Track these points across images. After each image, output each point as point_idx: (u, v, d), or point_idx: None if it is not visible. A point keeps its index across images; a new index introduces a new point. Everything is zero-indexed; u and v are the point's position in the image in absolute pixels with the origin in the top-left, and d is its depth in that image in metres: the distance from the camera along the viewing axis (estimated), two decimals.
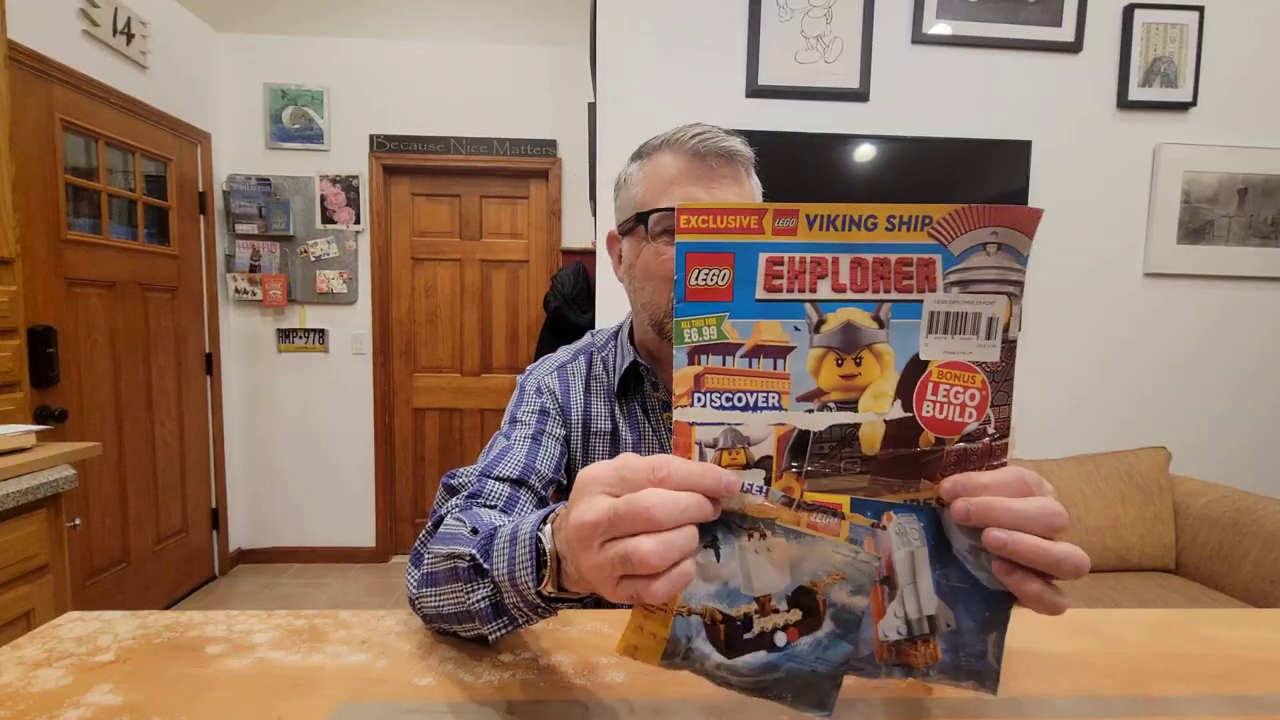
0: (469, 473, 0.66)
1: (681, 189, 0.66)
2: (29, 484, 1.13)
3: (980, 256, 0.33)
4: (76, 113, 2.08)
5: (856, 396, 0.33)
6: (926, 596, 0.34)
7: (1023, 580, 0.33)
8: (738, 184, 0.67)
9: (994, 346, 0.33)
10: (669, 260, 0.66)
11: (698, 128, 0.67)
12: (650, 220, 0.67)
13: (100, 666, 0.47)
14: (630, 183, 0.71)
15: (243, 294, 2.85)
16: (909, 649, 0.35)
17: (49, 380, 1.91)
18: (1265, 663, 0.50)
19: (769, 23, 1.93)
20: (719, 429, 0.33)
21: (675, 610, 0.33)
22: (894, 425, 0.33)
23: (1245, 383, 2.12)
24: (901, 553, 0.34)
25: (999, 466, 0.35)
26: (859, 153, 1.96)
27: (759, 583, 0.34)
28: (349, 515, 3.03)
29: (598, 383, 0.76)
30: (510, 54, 2.90)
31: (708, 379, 0.34)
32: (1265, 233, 2.06)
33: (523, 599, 0.43)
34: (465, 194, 3.03)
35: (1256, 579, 1.62)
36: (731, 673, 0.34)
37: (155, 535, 2.46)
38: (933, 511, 0.34)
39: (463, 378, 3.09)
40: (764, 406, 0.33)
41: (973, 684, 0.36)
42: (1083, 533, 1.83)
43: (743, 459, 0.33)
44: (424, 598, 0.52)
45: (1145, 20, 1.98)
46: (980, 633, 0.35)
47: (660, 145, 0.69)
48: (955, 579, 0.34)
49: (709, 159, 0.66)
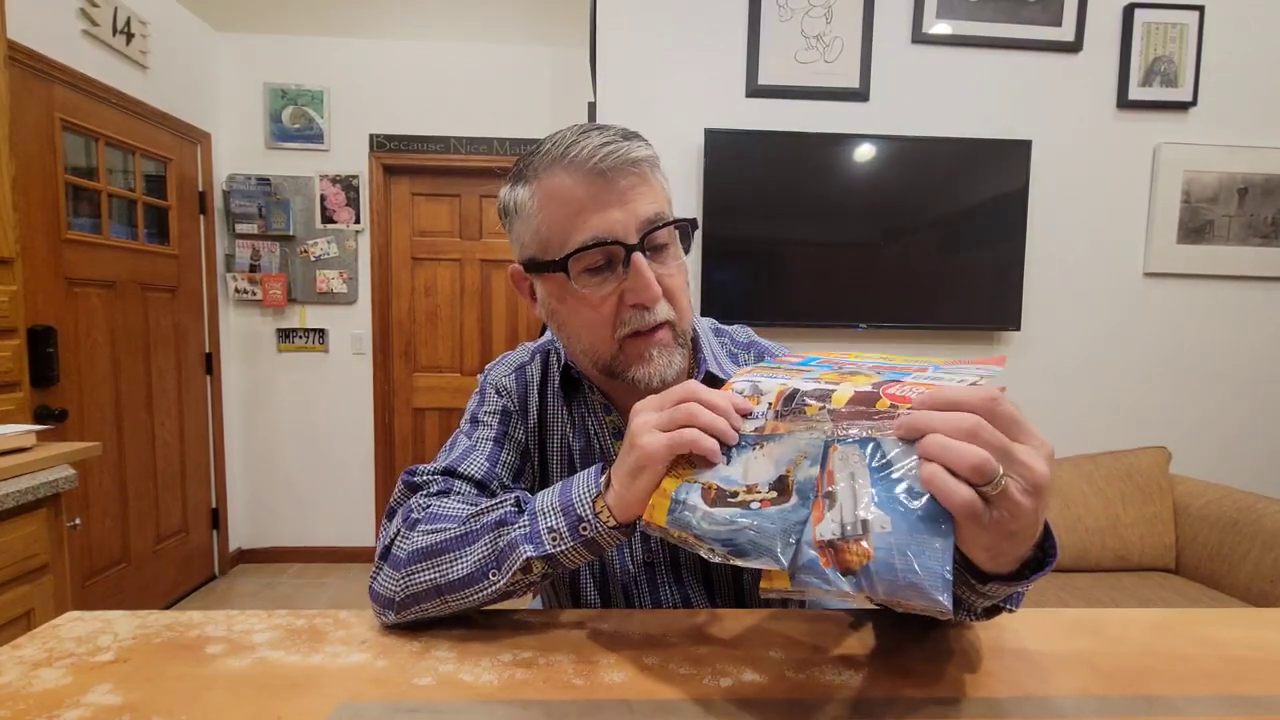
0: (430, 470, 0.64)
1: (594, 216, 0.56)
2: (29, 484, 1.13)
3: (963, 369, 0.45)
4: (76, 112, 2.08)
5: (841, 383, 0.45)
6: (864, 504, 0.38)
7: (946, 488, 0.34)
8: (648, 191, 0.59)
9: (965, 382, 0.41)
10: (605, 297, 0.58)
11: (591, 137, 0.57)
12: (570, 264, 0.57)
13: (100, 666, 0.47)
14: (524, 211, 0.60)
15: (243, 294, 2.85)
16: (844, 548, 0.37)
17: (49, 380, 1.92)
18: (1265, 663, 0.50)
19: (769, 22, 1.93)
20: (747, 384, 0.50)
21: (686, 480, 0.45)
22: (860, 393, 0.43)
23: (1245, 383, 2.12)
24: (843, 473, 0.40)
25: None
26: (859, 152, 1.96)
27: (752, 475, 0.43)
28: (349, 515, 3.03)
29: (553, 383, 0.72)
30: (510, 54, 2.90)
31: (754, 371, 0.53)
32: (1265, 232, 2.06)
33: (568, 517, 0.50)
34: (465, 194, 3.03)
35: (1256, 579, 1.62)
36: (709, 521, 0.42)
37: (155, 535, 2.46)
38: (876, 442, 0.40)
39: (463, 377, 3.09)
40: (775, 379, 0.49)
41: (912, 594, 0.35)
42: (1083, 533, 1.83)
43: (755, 401, 0.48)
44: (414, 574, 0.53)
45: (1145, 20, 1.98)
46: (916, 533, 0.36)
47: (551, 164, 0.58)
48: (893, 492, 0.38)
49: (612, 175, 0.56)
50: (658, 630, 0.53)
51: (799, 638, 0.52)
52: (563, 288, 0.60)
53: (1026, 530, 0.37)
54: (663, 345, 0.60)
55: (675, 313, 0.61)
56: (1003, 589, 0.43)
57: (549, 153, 0.58)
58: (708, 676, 0.46)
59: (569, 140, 0.57)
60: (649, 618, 0.56)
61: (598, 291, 0.58)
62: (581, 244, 0.57)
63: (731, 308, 1.95)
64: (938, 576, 0.34)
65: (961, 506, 0.34)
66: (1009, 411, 0.36)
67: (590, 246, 0.57)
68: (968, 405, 0.36)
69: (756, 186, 1.94)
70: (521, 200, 0.61)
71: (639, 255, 0.57)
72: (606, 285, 0.59)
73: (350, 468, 3.02)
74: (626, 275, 0.58)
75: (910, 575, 0.35)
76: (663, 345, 0.60)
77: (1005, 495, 0.35)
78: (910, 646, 0.51)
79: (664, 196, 0.61)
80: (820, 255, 2.00)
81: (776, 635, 0.53)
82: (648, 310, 0.59)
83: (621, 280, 0.58)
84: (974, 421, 0.35)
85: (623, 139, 0.57)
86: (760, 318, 1.95)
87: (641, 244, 0.58)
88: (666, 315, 0.60)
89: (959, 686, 0.46)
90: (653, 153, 0.60)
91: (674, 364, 0.61)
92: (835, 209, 1.98)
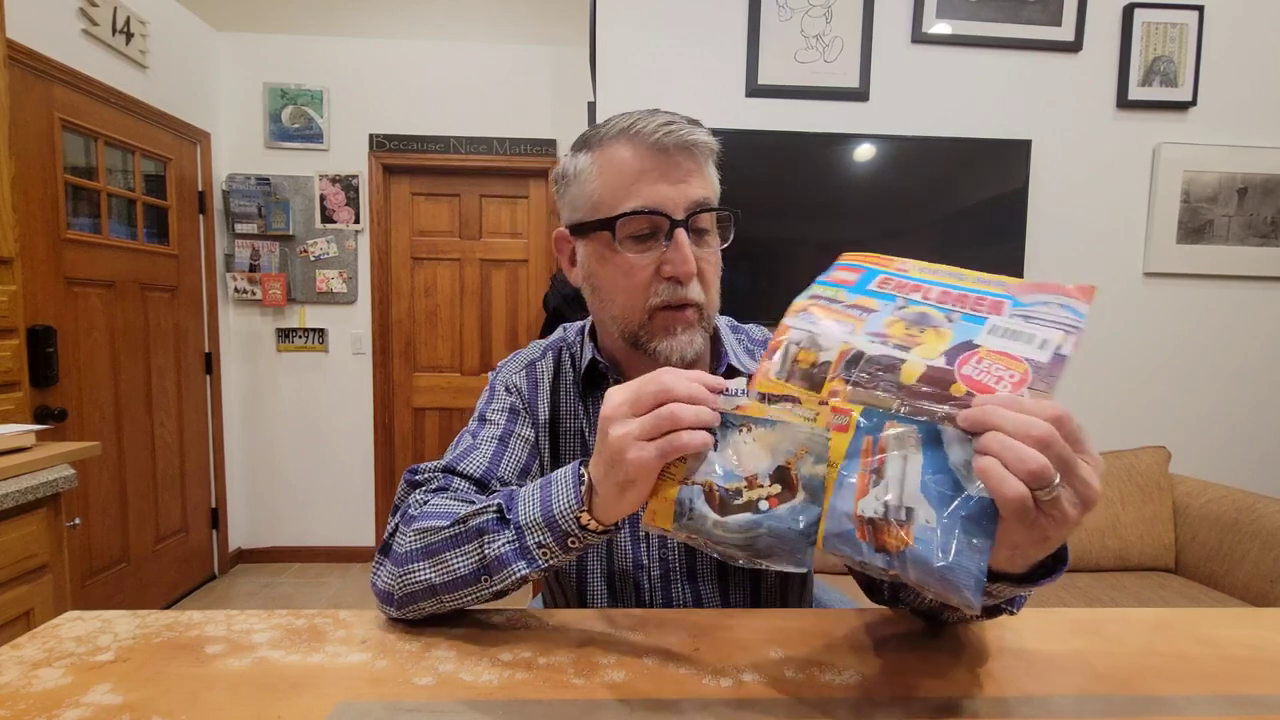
0: (433, 468, 0.65)
1: (648, 187, 0.60)
2: (28, 483, 1.13)
3: (1044, 308, 0.41)
4: (76, 112, 2.08)
5: (911, 345, 0.41)
6: (911, 491, 0.37)
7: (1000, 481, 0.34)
8: (701, 177, 0.63)
9: (1045, 353, 0.39)
10: (642, 269, 0.62)
11: (659, 116, 0.61)
12: (618, 226, 0.61)
13: (100, 666, 0.47)
14: (582, 177, 0.64)
15: (242, 293, 2.85)
16: (884, 529, 0.38)
17: (48, 380, 1.91)
18: (1264, 662, 0.50)
19: (769, 22, 1.93)
20: (804, 333, 0.45)
21: (682, 480, 0.43)
22: (933, 369, 0.39)
23: (1245, 382, 2.12)
24: (896, 454, 0.38)
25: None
26: (859, 152, 1.96)
27: (747, 464, 0.42)
28: (349, 515, 3.03)
29: (567, 379, 0.73)
30: (510, 54, 2.90)
31: (812, 307, 0.47)
32: (1265, 232, 2.06)
33: (554, 532, 0.49)
34: (465, 193, 3.03)
35: (1256, 578, 1.62)
36: (724, 529, 0.42)
37: (155, 535, 2.46)
38: (936, 429, 0.38)
39: (462, 377, 3.09)
40: (839, 330, 0.44)
41: (943, 586, 0.36)
42: (1082, 533, 1.83)
43: (812, 357, 0.43)
44: (410, 574, 0.54)
45: (1145, 20, 1.98)
46: (963, 533, 0.36)
47: (617, 135, 0.62)
48: (944, 486, 0.37)
49: (672, 152, 0.60)
50: (658, 630, 0.53)
51: (799, 638, 0.52)
52: (605, 250, 0.63)
53: (1060, 539, 0.38)
54: (688, 324, 0.63)
55: (705, 296, 0.64)
56: (1009, 590, 0.43)
57: (615, 125, 0.63)
58: (708, 676, 0.46)
59: (635, 116, 0.62)
60: (649, 618, 0.56)
61: (639, 259, 0.62)
62: (632, 209, 0.60)
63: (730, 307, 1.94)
64: (971, 575, 0.35)
65: (1012, 501, 0.34)
66: (1076, 428, 0.36)
67: (639, 213, 0.60)
68: (1035, 412, 0.36)
69: (756, 186, 1.94)
70: (581, 166, 0.64)
71: (682, 231, 0.60)
72: (647, 255, 0.62)
73: (350, 467, 3.01)
74: (668, 248, 0.61)
75: (946, 571, 0.35)
76: (688, 324, 0.63)
77: (1056, 503, 0.35)
78: (910, 646, 0.51)
79: (714, 186, 0.65)
80: (820, 255, 1.97)
81: (776, 635, 0.53)
82: (681, 285, 0.62)
83: (662, 252, 0.61)
84: (1046, 430, 0.35)
85: (686, 123, 0.61)
86: (760, 318, 1.93)
87: (686, 222, 0.61)
88: (697, 296, 0.63)
89: (959, 686, 0.46)
90: (711, 143, 0.64)
91: (695, 344, 0.64)
92: (835, 209, 1.98)
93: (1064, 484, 0.35)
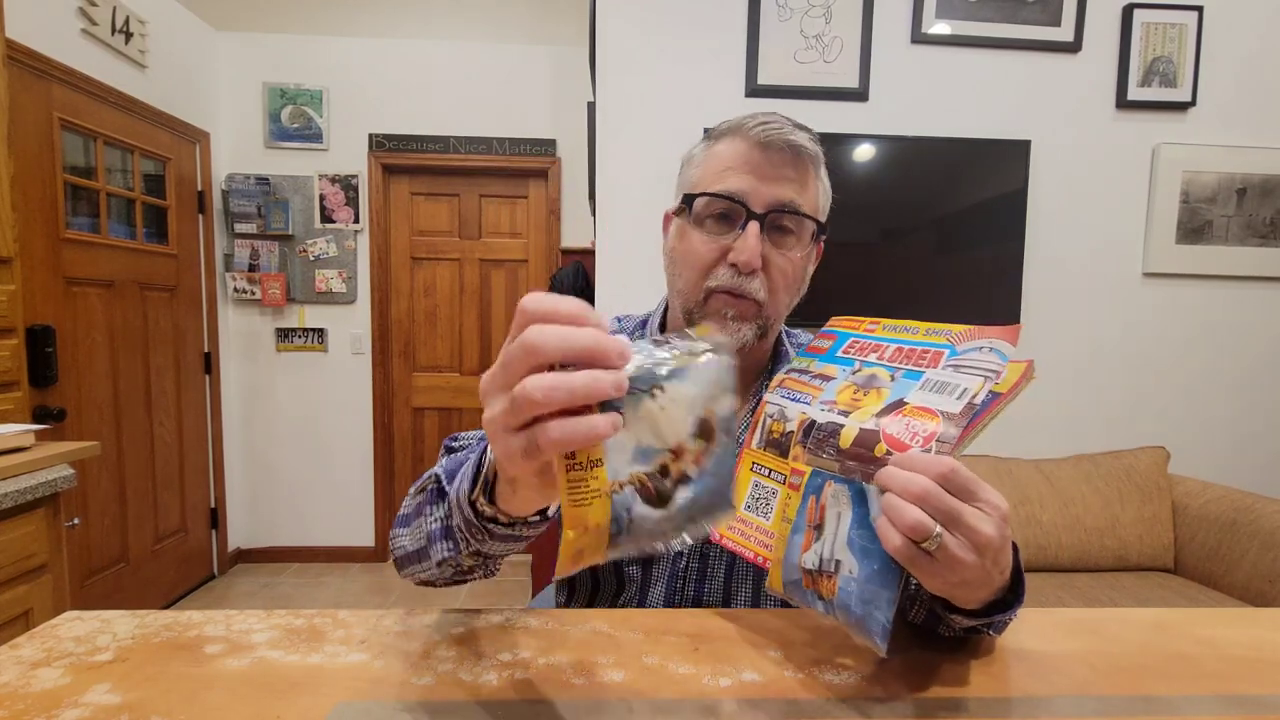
0: (471, 436, 0.65)
1: (736, 176, 0.63)
2: (27, 483, 1.13)
3: (975, 354, 0.45)
4: (75, 112, 2.07)
5: (852, 410, 0.47)
6: (840, 545, 0.43)
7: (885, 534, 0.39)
8: (800, 184, 0.64)
9: (960, 403, 0.43)
10: (711, 250, 0.64)
11: (768, 116, 0.64)
12: (695, 203, 0.65)
13: (99, 666, 0.47)
14: (693, 163, 0.69)
15: (242, 293, 2.85)
16: (819, 579, 0.44)
17: (47, 380, 1.91)
18: (1264, 662, 0.50)
19: (768, 22, 1.93)
20: (776, 407, 0.52)
21: (611, 491, 0.34)
22: (864, 432, 0.44)
23: (1244, 382, 2.13)
24: (832, 511, 0.44)
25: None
26: (858, 152, 1.96)
27: (670, 434, 0.35)
28: (348, 515, 3.03)
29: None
30: (510, 54, 2.90)
31: (787, 380, 0.54)
32: (1264, 232, 2.06)
33: (463, 516, 0.46)
34: (464, 193, 3.03)
35: (1255, 578, 1.63)
36: (670, 522, 0.36)
37: (154, 535, 2.46)
38: (862, 487, 0.43)
39: (462, 377, 3.09)
40: (800, 402, 0.51)
41: (860, 632, 0.42)
42: (1081, 533, 1.83)
43: (780, 428, 0.51)
44: (395, 539, 0.57)
45: (1144, 20, 1.98)
46: (872, 585, 0.41)
47: (727, 130, 0.66)
48: (866, 540, 0.42)
49: (770, 151, 0.63)
50: (658, 630, 0.53)
51: (799, 638, 0.52)
52: (686, 226, 0.67)
53: (976, 580, 0.40)
54: (741, 314, 0.64)
55: (768, 296, 0.64)
56: (967, 621, 0.47)
57: (733, 122, 0.66)
58: (708, 676, 0.46)
59: (749, 115, 0.65)
60: (649, 618, 0.56)
61: (710, 239, 0.64)
62: (713, 190, 0.63)
63: None
64: (878, 623, 0.41)
65: (898, 551, 0.38)
66: (964, 479, 0.39)
67: (718, 196, 0.63)
68: (923, 469, 0.39)
69: None
70: (696, 154, 0.69)
71: (755, 223, 0.62)
72: (720, 239, 0.64)
73: (349, 467, 3.01)
74: (740, 237, 0.63)
75: (860, 619, 0.42)
76: (741, 314, 0.64)
77: (944, 550, 0.38)
78: (910, 647, 0.51)
79: (812, 193, 0.66)
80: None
81: (776, 635, 0.53)
82: (742, 275, 0.62)
83: (735, 240, 0.63)
84: (922, 487, 0.38)
85: (793, 126, 0.64)
86: None
87: (764, 217, 0.62)
88: (759, 294, 0.63)
89: (958, 686, 0.46)
90: (816, 149, 0.65)
91: (744, 338, 0.64)
92: (834, 209, 1.97)
93: (950, 532, 0.38)
